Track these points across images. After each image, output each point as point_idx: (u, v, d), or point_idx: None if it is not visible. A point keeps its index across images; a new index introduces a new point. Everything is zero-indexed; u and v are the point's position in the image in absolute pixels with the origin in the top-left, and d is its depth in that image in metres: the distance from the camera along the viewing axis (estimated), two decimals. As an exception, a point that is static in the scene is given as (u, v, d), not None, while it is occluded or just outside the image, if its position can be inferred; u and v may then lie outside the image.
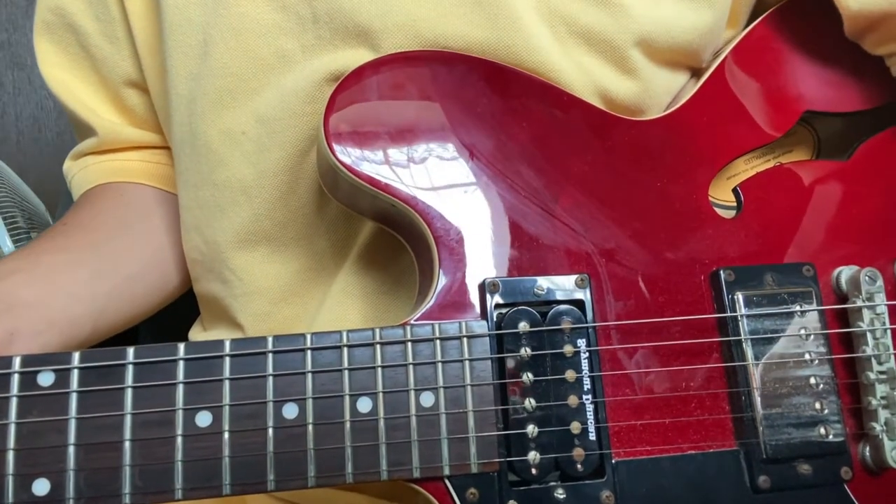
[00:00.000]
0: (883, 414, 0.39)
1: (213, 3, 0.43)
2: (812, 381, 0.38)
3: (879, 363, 0.39)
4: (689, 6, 0.45)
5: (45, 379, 0.32)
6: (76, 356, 0.32)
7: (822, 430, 0.38)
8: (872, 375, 0.39)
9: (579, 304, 0.37)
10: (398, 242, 0.42)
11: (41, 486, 0.31)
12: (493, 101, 0.40)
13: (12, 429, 0.31)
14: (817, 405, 0.38)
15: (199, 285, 0.50)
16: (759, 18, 0.45)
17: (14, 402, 0.31)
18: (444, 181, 0.38)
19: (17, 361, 0.32)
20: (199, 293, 0.51)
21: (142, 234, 0.51)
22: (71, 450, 0.31)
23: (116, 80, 0.50)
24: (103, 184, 0.52)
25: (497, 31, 0.41)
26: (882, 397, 0.39)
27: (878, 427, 0.38)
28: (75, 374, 0.32)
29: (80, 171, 0.53)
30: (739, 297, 0.39)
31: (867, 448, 0.39)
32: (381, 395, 0.34)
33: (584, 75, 0.42)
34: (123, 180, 0.52)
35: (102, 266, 0.47)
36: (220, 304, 0.48)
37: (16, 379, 0.31)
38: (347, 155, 0.38)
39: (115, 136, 0.51)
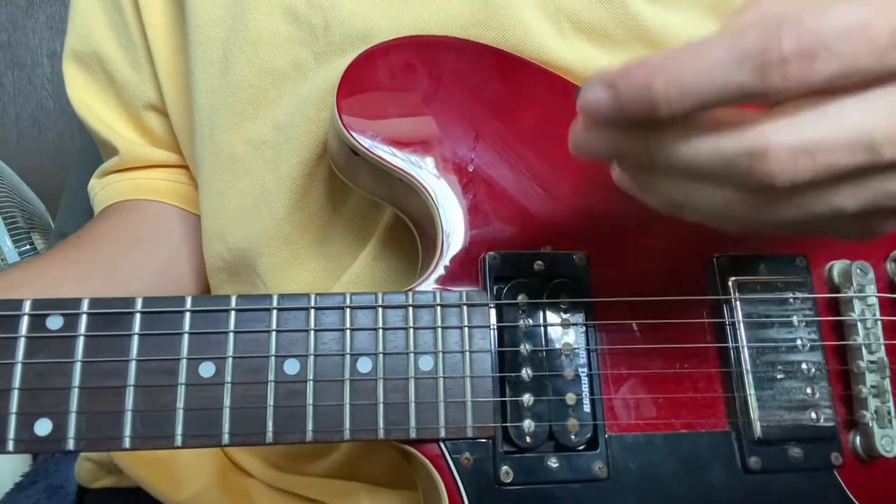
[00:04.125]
0: (873, 402, 0.39)
1: (233, 19, 0.45)
2: (804, 366, 0.39)
3: (870, 352, 0.40)
4: (706, 18, 0.47)
5: (54, 322, 0.32)
6: (85, 302, 0.33)
7: (814, 415, 0.38)
8: (863, 364, 0.39)
9: (578, 280, 0.38)
10: (408, 239, 0.43)
11: (43, 426, 0.31)
12: (501, 87, 0.42)
13: (18, 369, 0.32)
14: (808, 390, 0.39)
15: (222, 292, 0.51)
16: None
17: (22, 343, 0.32)
18: (449, 158, 0.39)
19: (27, 304, 0.32)
20: None
21: (154, 250, 0.52)
22: (75, 392, 0.32)
23: (137, 103, 0.52)
24: (122, 201, 0.53)
25: (503, 31, 0.43)
26: (872, 386, 0.39)
27: (867, 415, 0.39)
28: (83, 320, 0.33)
29: (103, 189, 0.55)
30: (735, 282, 0.40)
31: (857, 436, 0.39)
32: (381, 356, 0.35)
33: (591, 69, 0.44)
34: (143, 198, 0.53)
35: (111, 281, 0.48)
36: None
37: (25, 321, 0.32)
38: (356, 129, 0.39)
39: (135, 154, 0.53)
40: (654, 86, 0.24)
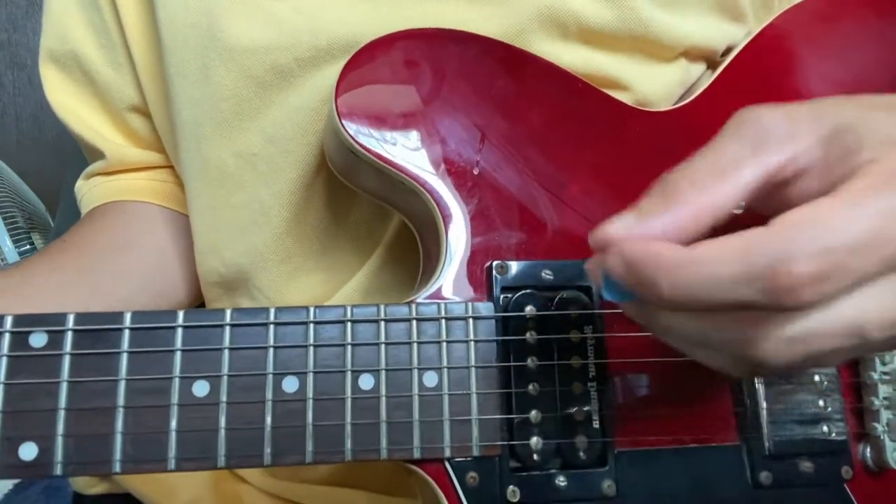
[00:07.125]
0: (885, 414, 0.38)
1: (208, 25, 0.42)
2: (816, 378, 0.38)
3: (883, 364, 0.39)
4: (713, 16, 0.45)
5: (38, 340, 0.31)
6: (71, 318, 0.31)
7: (825, 428, 0.37)
8: (875, 376, 0.39)
9: (587, 290, 0.37)
10: (413, 248, 0.41)
11: (28, 451, 0.30)
12: (508, 83, 0.40)
13: (0, 390, 0.30)
14: (821, 403, 0.38)
15: (219, 305, 0.49)
16: (775, 16, 0.45)
17: (4, 363, 0.30)
18: (454, 161, 0.38)
19: (8, 321, 0.31)
20: None
21: (142, 254, 0.50)
22: (61, 414, 0.30)
23: (120, 104, 0.49)
24: (108, 202, 0.51)
25: (501, 30, 0.41)
26: (885, 398, 0.38)
27: (879, 427, 0.38)
28: (69, 337, 0.31)
29: (89, 191, 0.52)
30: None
31: (868, 448, 0.39)
32: (383, 372, 0.33)
33: (595, 69, 0.42)
34: (128, 199, 0.51)
35: (97, 285, 0.46)
36: None
37: (7, 339, 0.30)
38: (356, 130, 0.37)
39: (121, 157, 0.50)
40: (659, 285, 0.25)
